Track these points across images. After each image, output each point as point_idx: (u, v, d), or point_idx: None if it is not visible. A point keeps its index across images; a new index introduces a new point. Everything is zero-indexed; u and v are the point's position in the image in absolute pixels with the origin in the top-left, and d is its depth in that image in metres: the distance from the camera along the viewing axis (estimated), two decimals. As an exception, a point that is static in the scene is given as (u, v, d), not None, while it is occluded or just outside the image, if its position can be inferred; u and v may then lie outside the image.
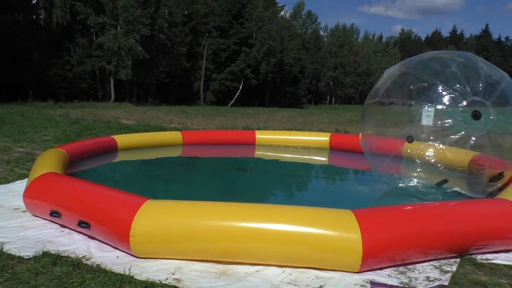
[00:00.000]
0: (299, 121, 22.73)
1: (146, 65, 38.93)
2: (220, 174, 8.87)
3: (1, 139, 11.19)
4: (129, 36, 35.11)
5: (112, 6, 35.54)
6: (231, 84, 50.29)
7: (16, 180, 6.82)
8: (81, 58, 38.16)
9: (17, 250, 4.00)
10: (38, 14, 40.61)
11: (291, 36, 61.92)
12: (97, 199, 4.39)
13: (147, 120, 19.42)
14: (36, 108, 24.70)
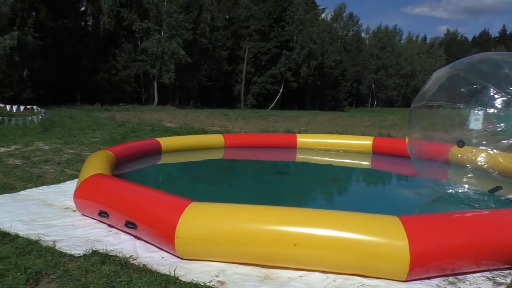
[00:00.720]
0: (341, 124, 22.46)
1: (189, 69, 39.62)
2: (261, 178, 8.88)
3: (52, 141, 11.68)
4: (172, 40, 35.86)
5: (156, 11, 36.42)
6: (272, 87, 50.34)
7: (67, 181, 7.10)
8: (126, 62, 39.32)
9: (68, 248, 4.15)
10: (86, 20, 42.26)
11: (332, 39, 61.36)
12: (143, 200, 4.48)
13: (189, 123, 19.74)
14: (84, 111, 25.67)
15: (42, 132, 13.37)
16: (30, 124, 14.66)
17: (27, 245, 4.15)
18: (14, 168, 7.89)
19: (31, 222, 4.90)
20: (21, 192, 6.26)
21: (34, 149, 10.27)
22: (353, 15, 79.48)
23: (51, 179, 7.20)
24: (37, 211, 5.35)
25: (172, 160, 9.63)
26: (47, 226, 4.82)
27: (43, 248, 4.10)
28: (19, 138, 11.87)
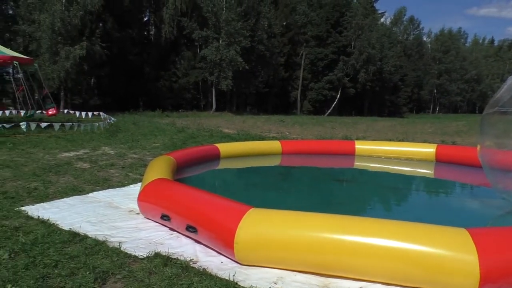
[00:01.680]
0: (401, 131, 21.77)
1: (246, 76, 40.12)
2: (319, 185, 8.77)
3: (117, 146, 12.23)
4: (230, 48, 36.50)
5: (215, 20, 37.25)
6: (329, 93, 49.80)
7: (131, 184, 7.39)
8: (186, 70, 40.51)
9: (133, 249, 4.30)
10: (149, 30, 44.05)
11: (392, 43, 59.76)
12: (204, 205, 4.56)
13: (246, 129, 19.95)
14: (146, 117, 26.69)
15: (108, 137, 14.04)
16: (97, 130, 15.43)
17: (95, 245, 4.36)
18: (83, 172, 8.33)
19: (98, 223, 5.14)
20: (89, 194, 6.59)
21: (101, 153, 10.80)
22: (413, 19, 77.15)
23: (116, 183, 7.52)
24: (104, 213, 5.60)
25: (230, 166, 9.76)
26: (113, 227, 5.03)
27: (110, 248, 4.28)
28: (87, 143, 12.54)
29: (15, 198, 6.12)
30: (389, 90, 58.45)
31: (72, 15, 29.04)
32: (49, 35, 28.47)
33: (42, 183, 7.16)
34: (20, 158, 9.56)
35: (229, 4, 36.71)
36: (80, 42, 29.57)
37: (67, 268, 3.76)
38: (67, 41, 29.37)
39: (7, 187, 6.81)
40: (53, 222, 5.05)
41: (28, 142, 12.24)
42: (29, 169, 8.33)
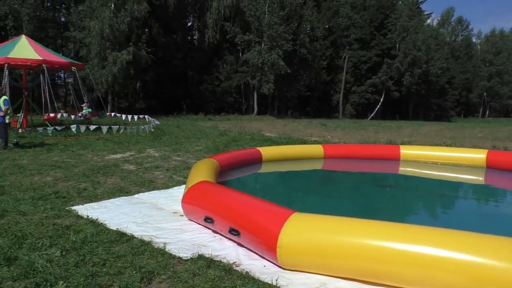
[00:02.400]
0: (448, 135, 21.05)
1: (287, 79, 40.09)
2: (362, 190, 8.62)
3: (161, 148, 12.51)
4: (272, 51, 36.59)
5: (258, 24, 37.47)
6: (372, 97, 48.91)
7: (175, 186, 7.53)
8: (229, 74, 40.96)
9: (177, 250, 4.37)
10: (192, 35, 44.90)
11: (439, 45, 57.98)
12: (247, 208, 4.58)
13: (288, 132, 19.91)
14: (189, 121, 27.18)
15: (152, 140, 14.39)
16: (142, 133, 15.84)
17: (141, 245, 4.47)
18: (129, 173, 8.57)
19: (144, 224, 5.27)
20: (135, 195, 6.78)
21: (146, 155, 11.08)
22: (462, 19, 74.63)
23: (161, 184, 7.69)
24: (149, 214, 5.74)
25: (272, 169, 9.77)
26: (158, 228, 5.14)
27: (155, 249, 4.38)
28: (133, 145, 12.90)
29: (66, 198, 6.38)
30: (435, 93, 56.68)
31: (120, 21, 30.05)
32: (98, 41, 29.58)
33: (91, 184, 7.43)
34: (70, 160, 9.96)
35: (272, 8, 36.81)
36: (127, 48, 30.55)
37: (114, 267, 3.87)
38: (115, 47, 30.41)
39: (59, 187, 7.11)
40: (101, 221, 5.23)
41: (78, 144, 12.74)
42: (79, 170, 8.67)
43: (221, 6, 38.80)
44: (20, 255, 4.01)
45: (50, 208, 5.73)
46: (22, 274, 3.64)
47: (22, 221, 5.12)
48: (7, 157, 9.91)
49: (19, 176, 7.86)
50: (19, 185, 7.11)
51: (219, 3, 38.77)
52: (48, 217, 5.33)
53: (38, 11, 32.03)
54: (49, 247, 4.27)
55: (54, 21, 35.06)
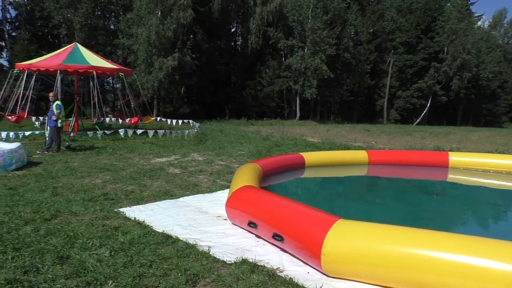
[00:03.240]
0: (501, 142, 20.14)
1: (330, 84, 39.69)
2: (408, 197, 8.38)
3: (205, 153, 12.69)
4: (315, 56, 36.35)
5: (301, 29, 37.36)
6: (418, 102, 47.49)
7: (218, 190, 7.62)
8: (271, 79, 41.04)
9: (221, 254, 4.42)
10: (235, 40, 45.37)
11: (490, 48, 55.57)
12: (291, 214, 4.56)
13: (331, 138, 19.69)
14: (232, 125, 27.42)
15: (196, 144, 14.63)
16: (187, 137, 16.14)
17: (186, 248, 4.54)
18: (174, 177, 8.75)
19: (188, 227, 5.36)
20: (180, 198, 6.91)
21: (190, 159, 11.28)
22: (515, 21, 71.15)
23: (205, 188, 7.80)
24: (194, 217, 5.83)
25: (315, 175, 9.69)
26: (202, 232, 5.21)
27: (199, 252, 4.44)
28: (177, 149, 13.16)
29: (114, 200, 6.59)
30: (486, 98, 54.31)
31: (166, 28, 30.80)
32: (145, 47, 30.43)
33: (138, 187, 7.64)
34: (118, 163, 10.29)
35: (315, 13, 36.58)
36: (173, 54, 31.24)
37: (161, 269, 3.95)
38: (161, 53, 31.18)
39: (107, 189, 7.36)
40: (147, 224, 5.36)
41: (125, 147, 13.14)
42: (126, 173, 8.93)
43: (264, 11, 38.96)
44: (72, 254, 4.17)
45: (100, 210, 5.94)
46: (74, 272, 3.79)
47: (74, 222, 5.33)
48: (60, 160, 10.35)
49: (70, 178, 8.19)
50: (70, 186, 7.42)
51: (263, 9, 38.97)
52: (98, 218, 5.52)
53: (89, 19, 33.38)
54: (99, 247, 4.43)
55: (104, 29, 36.38)
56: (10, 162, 8.77)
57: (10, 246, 4.30)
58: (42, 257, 4.09)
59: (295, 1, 37.38)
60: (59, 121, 11.59)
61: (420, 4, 46.61)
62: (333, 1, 37.22)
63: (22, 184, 7.48)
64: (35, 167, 9.30)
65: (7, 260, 3.99)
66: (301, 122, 37.76)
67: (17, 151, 9.15)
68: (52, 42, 37.28)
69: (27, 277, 3.67)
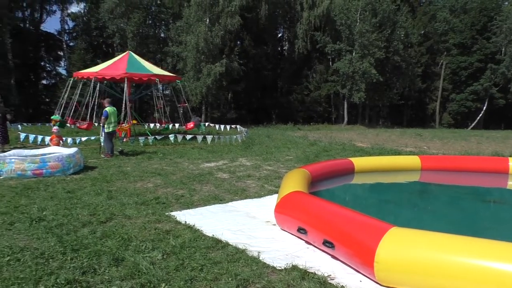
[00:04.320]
0: None
1: (379, 88, 38.86)
2: (463, 205, 8.01)
3: (252, 158, 12.74)
4: (364, 60, 35.76)
5: (349, 32, 36.90)
6: (473, 105, 45.51)
7: (267, 195, 7.61)
8: (318, 83, 40.76)
9: (271, 260, 4.39)
10: (282, 45, 45.45)
11: (552, 47, 52.42)
12: (342, 221, 4.48)
13: (380, 143, 19.23)
14: (278, 130, 27.42)
15: (244, 149, 14.72)
16: (234, 142, 16.28)
17: (235, 252, 4.56)
18: (223, 182, 8.83)
19: (238, 232, 5.38)
20: (229, 203, 6.96)
21: (238, 164, 11.35)
22: None
23: (253, 193, 7.81)
24: (243, 222, 5.85)
25: (365, 181, 9.47)
26: (251, 237, 5.21)
27: (249, 257, 4.44)
28: (225, 154, 13.30)
29: (165, 204, 6.74)
30: (549, 101, 51.25)
31: (214, 35, 31.37)
32: (193, 54, 31.12)
33: (188, 191, 7.77)
34: (168, 167, 10.53)
35: (364, 16, 36.01)
36: (220, 60, 31.75)
37: (211, 273, 3.98)
38: (209, 59, 31.77)
39: (159, 193, 7.54)
40: (198, 228, 5.43)
41: (175, 152, 13.43)
42: (176, 178, 9.12)
43: (311, 16, 38.79)
44: (126, 257, 4.29)
45: (152, 213, 6.08)
46: (128, 274, 3.89)
47: (127, 224, 5.49)
48: (114, 164, 10.73)
49: (124, 182, 8.47)
50: (124, 190, 7.66)
51: (310, 13, 38.81)
52: (150, 222, 5.65)
53: (141, 28, 34.60)
54: (151, 250, 4.53)
55: (155, 37, 37.57)
56: (68, 167, 9.19)
57: (69, 247, 4.49)
58: (98, 258, 4.23)
59: (343, 5, 36.95)
60: (105, 126, 11.98)
61: (476, 4, 44.71)
62: (382, 4, 36.47)
63: (79, 187, 7.81)
64: (91, 171, 9.69)
65: (67, 260, 4.17)
66: (349, 126, 37.19)
67: (75, 156, 9.57)
68: (106, 51, 38.95)
69: (85, 278, 3.81)
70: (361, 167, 9.45)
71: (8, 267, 4.01)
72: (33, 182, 8.17)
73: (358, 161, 9.59)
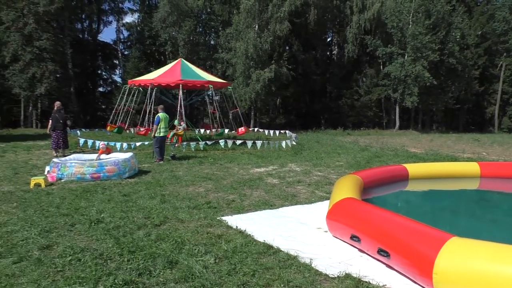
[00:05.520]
0: None
1: (433, 91, 37.51)
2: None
3: (302, 163, 12.66)
4: (416, 63, 34.66)
5: (401, 35, 35.95)
6: (536, 109, 43.01)
7: (317, 201, 7.52)
8: (368, 87, 39.96)
9: (323, 267, 4.32)
10: (331, 50, 44.98)
11: None
12: (398, 229, 4.33)
13: (435, 148, 18.54)
14: (328, 135, 27.11)
15: (293, 155, 14.66)
16: (284, 147, 16.24)
17: (287, 259, 4.53)
18: (273, 187, 8.82)
19: (289, 238, 5.34)
20: (279, 209, 6.93)
21: (288, 170, 11.31)
22: None
23: (304, 199, 7.75)
24: (294, 228, 5.80)
25: (420, 188, 9.13)
26: (303, 243, 5.16)
27: (301, 264, 4.39)
28: (275, 160, 13.29)
29: (217, 208, 6.81)
30: None
31: (263, 41, 31.56)
32: (243, 60, 31.43)
33: (238, 196, 7.82)
34: (219, 172, 10.66)
35: (416, 18, 34.92)
36: (269, 66, 31.87)
37: (263, 279, 3.97)
38: (258, 65, 31.97)
39: (210, 197, 7.64)
40: (249, 233, 5.44)
41: (225, 157, 13.58)
42: (227, 182, 9.21)
43: (361, 19, 38.15)
44: (180, 260, 4.37)
45: (204, 217, 6.17)
46: (182, 277, 3.95)
47: (181, 228, 5.60)
48: (166, 169, 11.00)
49: (176, 186, 8.65)
50: (176, 194, 7.83)
51: (360, 17, 38.19)
52: (202, 226, 5.73)
53: (192, 36, 35.41)
54: (204, 254, 4.59)
55: (205, 44, 38.31)
56: (124, 171, 9.52)
57: (126, 249, 4.64)
58: (153, 260, 4.34)
59: (394, 7, 36.05)
60: (157, 132, 12.30)
61: (540, 1, 42.27)
62: (436, 5, 35.24)
63: (134, 191, 8.06)
64: (145, 175, 9.99)
65: (124, 262, 4.31)
66: (401, 131, 36.14)
67: (130, 161, 9.91)
68: (158, 59, 40.17)
69: (141, 279, 3.91)
70: (416, 174, 9.12)
71: (70, 267, 4.20)
72: (92, 185, 8.52)
73: (413, 167, 9.26)
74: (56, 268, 4.15)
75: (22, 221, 5.80)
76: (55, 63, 29.76)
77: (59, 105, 13.68)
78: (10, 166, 11.08)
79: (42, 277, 3.94)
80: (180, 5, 33.85)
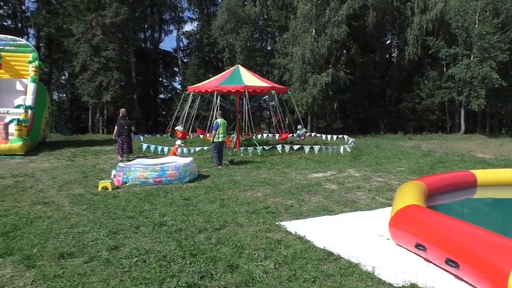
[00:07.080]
0: None
1: (503, 94, 35.37)
2: None
3: (361, 168, 12.36)
4: (483, 64, 32.87)
5: (466, 35, 34.28)
6: None
7: (378, 208, 7.30)
8: (431, 90, 38.40)
9: (387, 276, 4.17)
10: (391, 53, 43.78)
11: None
12: (468, 239, 4.09)
13: (505, 153, 17.46)
14: (387, 140, 26.32)
15: (352, 160, 14.36)
16: (342, 152, 15.96)
17: (348, 266, 4.42)
18: (331, 193, 8.68)
19: (349, 245, 5.21)
20: (339, 215, 6.80)
21: (346, 175, 11.09)
22: None
23: (364, 205, 7.55)
24: (354, 235, 5.66)
25: (490, 195, 8.63)
26: (364, 251, 5.02)
27: (363, 272, 4.27)
28: (333, 165, 13.09)
29: (275, 213, 6.80)
30: None
31: (320, 45, 31.31)
32: (299, 65, 31.33)
33: (297, 201, 7.76)
34: (277, 177, 10.65)
35: (483, 17, 33.13)
36: (326, 70, 31.54)
37: (324, 286, 3.90)
38: (315, 70, 31.74)
39: (268, 202, 7.64)
40: (308, 239, 5.38)
41: (283, 162, 13.55)
42: (284, 187, 9.18)
43: (423, 20, 36.78)
44: (240, 264, 4.39)
45: (262, 222, 6.17)
46: (243, 282, 3.97)
47: (240, 232, 5.63)
48: (225, 173, 11.15)
49: (235, 191, 8.74)
50: (235, 199, 7.90)
51: (421, 18, 36.85)
52: (261, 231, 5.73)
53: (249, 42, 35.84)
54: (264, 259, 4.58)
55: (262, 50, 38.67)
56: (184, 175, 9.76)
57: (188, 252, 4.73)
58: (214, 264, 4.39)
59: (459, 7, 34.44)
60: (215, 137, 12.49)
61: None
62: (506, 2, 33.27)
63: (194, 195, 8.23)
64: (204, 180, 10.18)
65: (186, 264, 4.39)
66: (467, 136, 34.38)
67: (190, 165, 10.15)
68: (216, 66, 41.02)
69: (203, 282, 3.97)
70: (485, 180, 8.61)
71: (136, 268, 4.34)
72: (154, 189, 8.80)
73: (481, 174, 8.75)
74: (123, 269, 4.31)
75: (92, 223, 6.09)
76: (120, 71, 31.27)
77: (124, 112, 14.29)
78: (80, 170, 11.70)
79: (111, 277, 4.11)
80: (237, 12, 34.42)
